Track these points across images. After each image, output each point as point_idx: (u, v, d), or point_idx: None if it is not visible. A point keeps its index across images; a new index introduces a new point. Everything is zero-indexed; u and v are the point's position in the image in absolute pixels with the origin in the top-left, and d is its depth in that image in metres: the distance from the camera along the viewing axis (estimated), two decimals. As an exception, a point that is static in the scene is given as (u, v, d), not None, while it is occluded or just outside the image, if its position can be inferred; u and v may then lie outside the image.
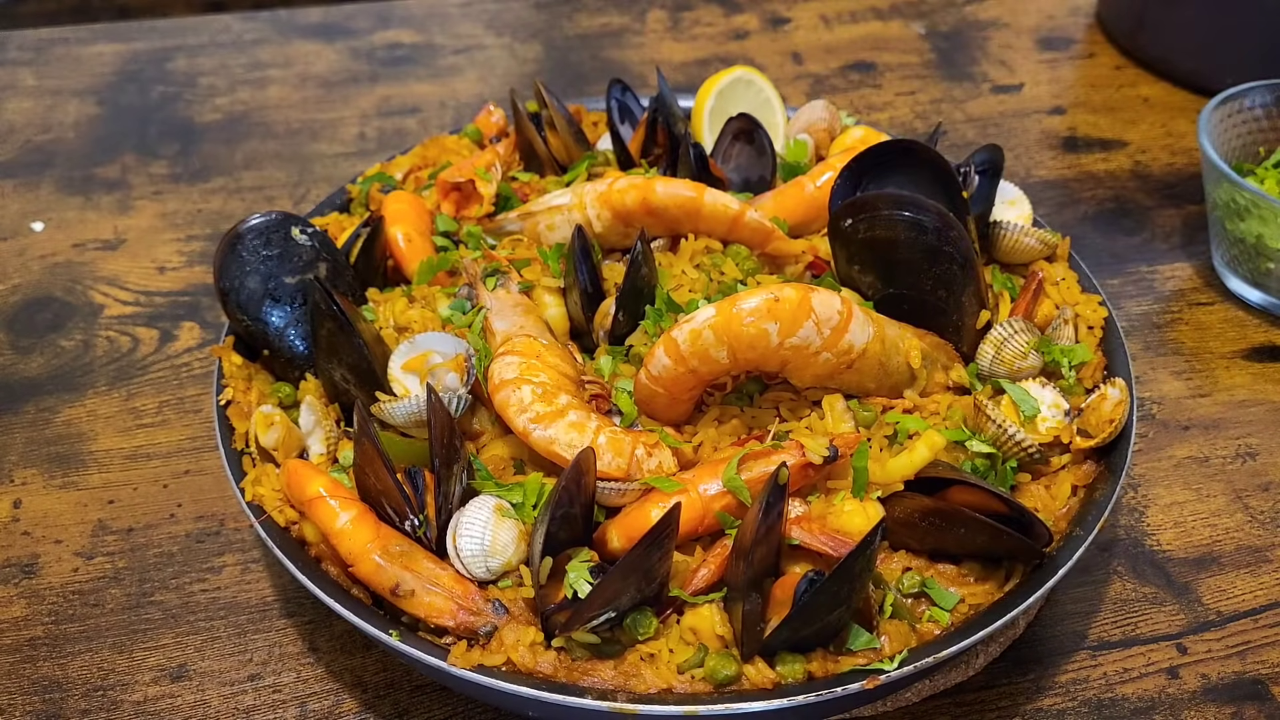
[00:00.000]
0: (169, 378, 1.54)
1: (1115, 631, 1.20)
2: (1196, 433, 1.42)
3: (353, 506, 1.04)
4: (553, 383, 1.09)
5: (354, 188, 1.50)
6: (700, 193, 1.23)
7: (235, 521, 1.34)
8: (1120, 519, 1.31)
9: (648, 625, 0.97)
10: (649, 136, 1.48)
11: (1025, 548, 1.00)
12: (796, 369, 1.08)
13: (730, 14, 2.38)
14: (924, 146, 1.20)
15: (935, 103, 2.09)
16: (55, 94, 2.14)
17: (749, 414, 1.13)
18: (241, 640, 1.21)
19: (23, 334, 1.62)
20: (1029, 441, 1.08)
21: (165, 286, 1.69)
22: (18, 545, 1.31)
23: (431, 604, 0.99)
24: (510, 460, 1.11)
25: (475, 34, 2.31)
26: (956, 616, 1.01)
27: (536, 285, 1.25)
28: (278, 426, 1.14)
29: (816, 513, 1.02)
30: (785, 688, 0.94)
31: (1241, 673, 1.15)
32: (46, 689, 1.17)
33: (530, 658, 0.96)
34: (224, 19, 2.38)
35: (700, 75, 2.02)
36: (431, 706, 1.14)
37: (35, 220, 1.82)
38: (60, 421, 1.48)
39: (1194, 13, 1.98)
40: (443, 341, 1.16)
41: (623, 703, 0.92)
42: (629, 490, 1.03)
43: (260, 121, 2.06)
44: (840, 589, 0.92)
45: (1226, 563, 1.26)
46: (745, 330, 1.03)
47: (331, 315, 1.14)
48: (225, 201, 1.86)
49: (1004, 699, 1.14)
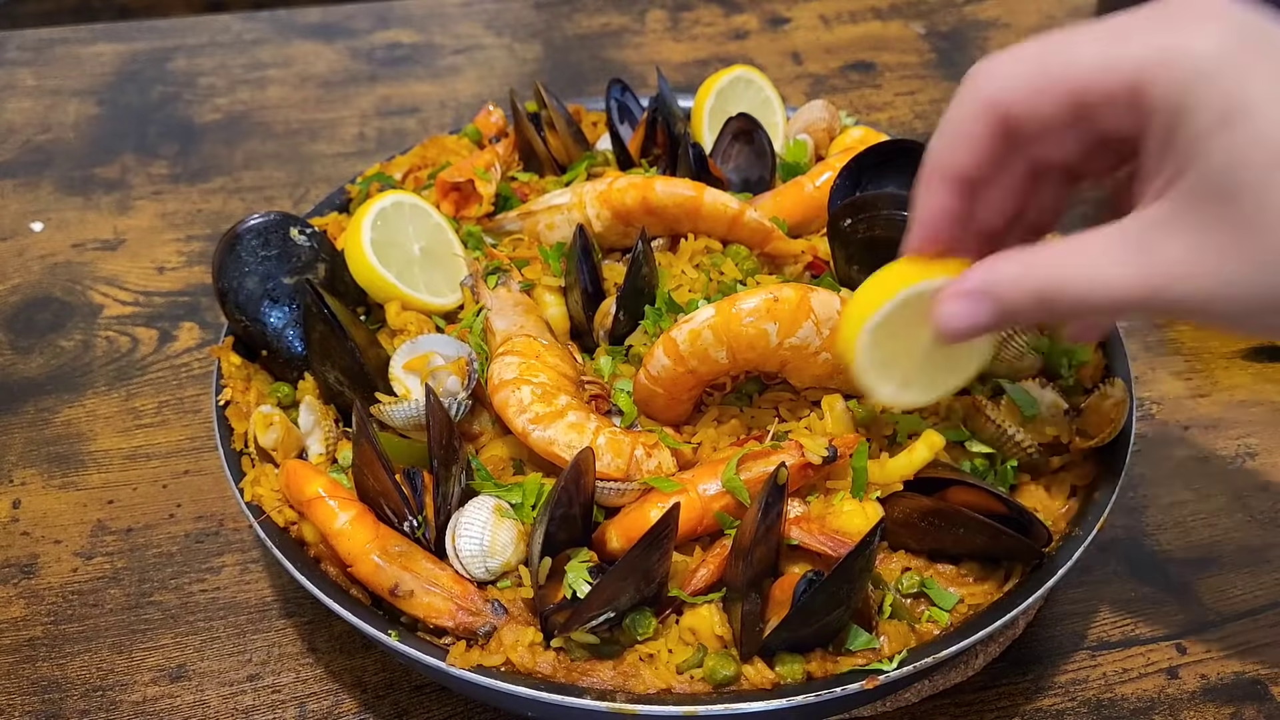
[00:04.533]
0: (168, 378, 1.54)
1: (1115, 632, 1.20)
2: (1196, 433, 1.41)
3: (352, 507, 1.04)
4: (552, 383, 1.09)
5: (353, 188, 1.50)
6: (700, 192, 1.23)
7: (234, 522, 1.34)
8: (1120, 519, 1.31)
9: (647, 625, 0.97)
10: (648, 136, 1.48)
11: (1024, 548, 1.00)
12: (796, 369, 1.08)
13: (730, 14, 2.38)
14: (924, 146, 1.19)
15: (935, 103, 2.08)
16: (55, 94, 2.14)
17: (748, 414, 1.13)
18: (241, 640, 1.21)
19: (22, 334, 1.62)
20: (1028, 442, 1.08)
21: (165, 287, 1.69)
22: (17, 545, 1.31)
23: (430, 604, 0.99)
24: (509, 460, 1.11)
25: (475, 34, 2.31)
26: (956, 617, 1.01)
27: (537, 284, 1.25)
28: (277, 427, 1.14)
29: (816, 513, 1.02)
30: (784, 688, 0.94)
31: (1241, 673, 1.15)
32: (46, 689, 1.17)
33: (529, 658, 0.96)
34: (224, 19, 2.38)
35: (700, 75, 2.01)
36: (431, 707, 1.14)
37: (35, 220, 1.82)
38: (60, 422, 1.48)
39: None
40: (445, 344, 1.16)
41: (622, 703, 0.92)
42: (628, 491, 1.03)
43: (260, 121, 2.06)
44: (839, 589, 0.92)
45: (1226, 563, 1.26)
46: (744, 330, 1.03)
47: (323, 318, 1.14)
48: (225, 201, 1.86)
49: (1004, 699, 1.14)
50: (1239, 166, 0.66)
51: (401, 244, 1.27)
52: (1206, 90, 0.67)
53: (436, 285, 1.27)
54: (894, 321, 0.87)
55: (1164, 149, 0.71)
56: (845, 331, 0.90)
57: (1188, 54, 0.68)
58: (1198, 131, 0.68)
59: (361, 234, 1.24)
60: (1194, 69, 0.68)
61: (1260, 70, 0.67)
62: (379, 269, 1.23)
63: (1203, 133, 0.67)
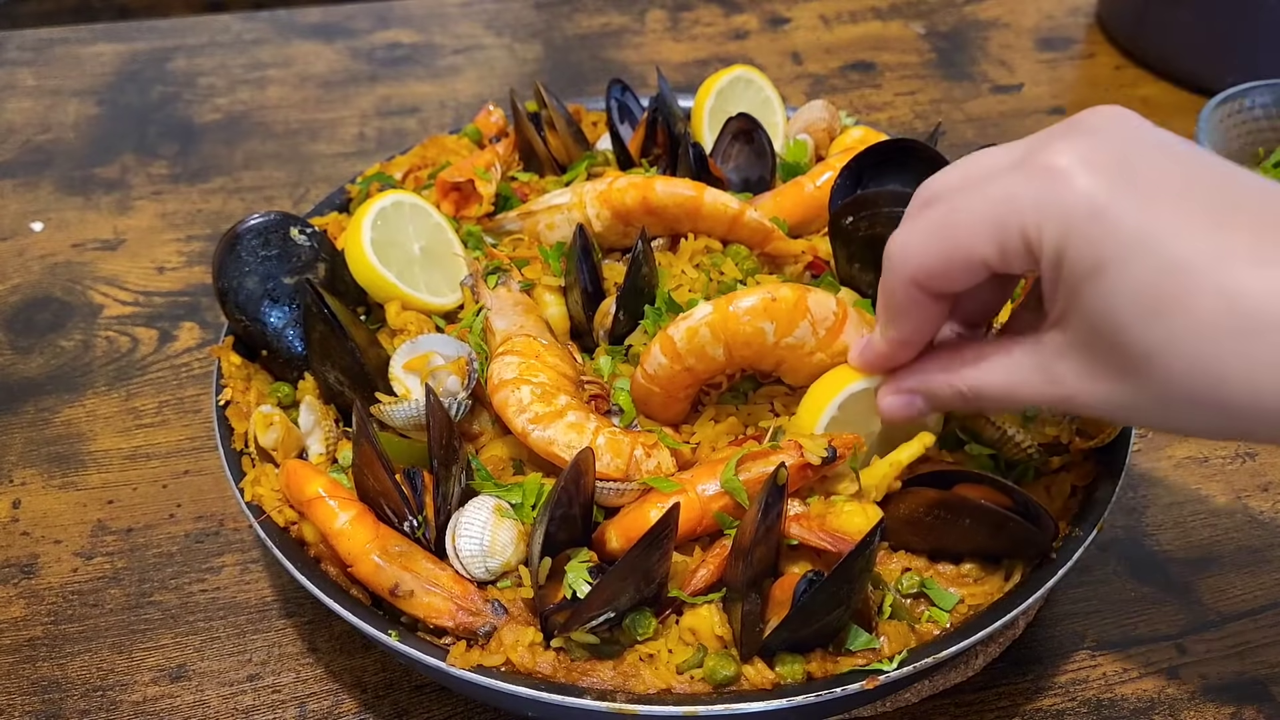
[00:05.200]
0: (168, 378, 1.54)
1: (1115, 631, 1.20)
2: (1196, 433, 1.41)
3: (352, 507, 1.04)
4: (552, 383, 1.09)
5: (353, 188, 1.50)
6: (700, 192, 1.23)
7: (234, 522, 1.34)
8: (1120, 519, 1.31)
9: (647, 626, 0.97)
10: (649, 136, 1.48)
11: (1033, 537, 0.99)
12: (791, 368, 1.08)
13: (730, 14, 2.38)
14: (924, 145, 1.20)
15: (935, 103, 2.09)
16: (55, 94, 2.14)
17: (744, 411, 1.13)
18: (241, 640, 1.21)
19: (22, 334, 1.62)
20: (1028, 442, 1.08)
21: (165, 286, 1.69)
22: (17, 545, 1.31)
23: (430, 604, 0.99)
24: (509, 460, 1.11)
25: (475, 34, 2.31)
26: (956, 617, 1.00)
27: (537, 284, 1.25)
28: (277, 426, 1.14)
29: (817, 512, 1.02)
30: (784, 688, 0.94)
31: (1241, 673, 1.15)
32: (46, 689, 1.17)
33: (529, 658, 0.96)
34: (224, 19, 2.38)
35: (700, 75, 2.02)
36: (431, 707, 1.14)
37: (35, 220, 1.83)
38: (60, 421, 1.48)
39: (1194, 13, 1.98)
40: (445, 344, 1.16)
41: (622, 703, 0.92)
42: (628, 491, 1.03)
43: (260, 121, 2.06)
44: (839, 589, 0.92)
45: (1226, 563, 1.26)
46: (742, 328, 1.03)
47: (323, 318, 1.14)
48: (225, 201, 1.86)
49: (1004, 699, 1.14)
50: (1110, 313, 0.74)
51: (401, 244, 1.27)
52: (1078, 243, 0.74)
53: (436, 285, 1.27)
54: (845, 413, 1.03)
55: (1053, 287, 0.78)
56: (803, 427, 1.04)
57: (1060, 207, 0.74)
58: (1075, 281, 0.75)
59: (361, 234, 1.24)
60: (1065, 225, 0.74)
61: (1126, 214, 0.72)
62: (379, 269, 1.23)
63: (1080, 281, 0.75)
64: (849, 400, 1.02)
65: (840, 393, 1.02)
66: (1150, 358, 0.73)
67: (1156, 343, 0.72)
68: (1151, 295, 0.71)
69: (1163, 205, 0.72)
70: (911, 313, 0.89)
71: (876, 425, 1.04)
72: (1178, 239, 0.71)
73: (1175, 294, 0.70)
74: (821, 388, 1.04)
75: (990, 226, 0.78)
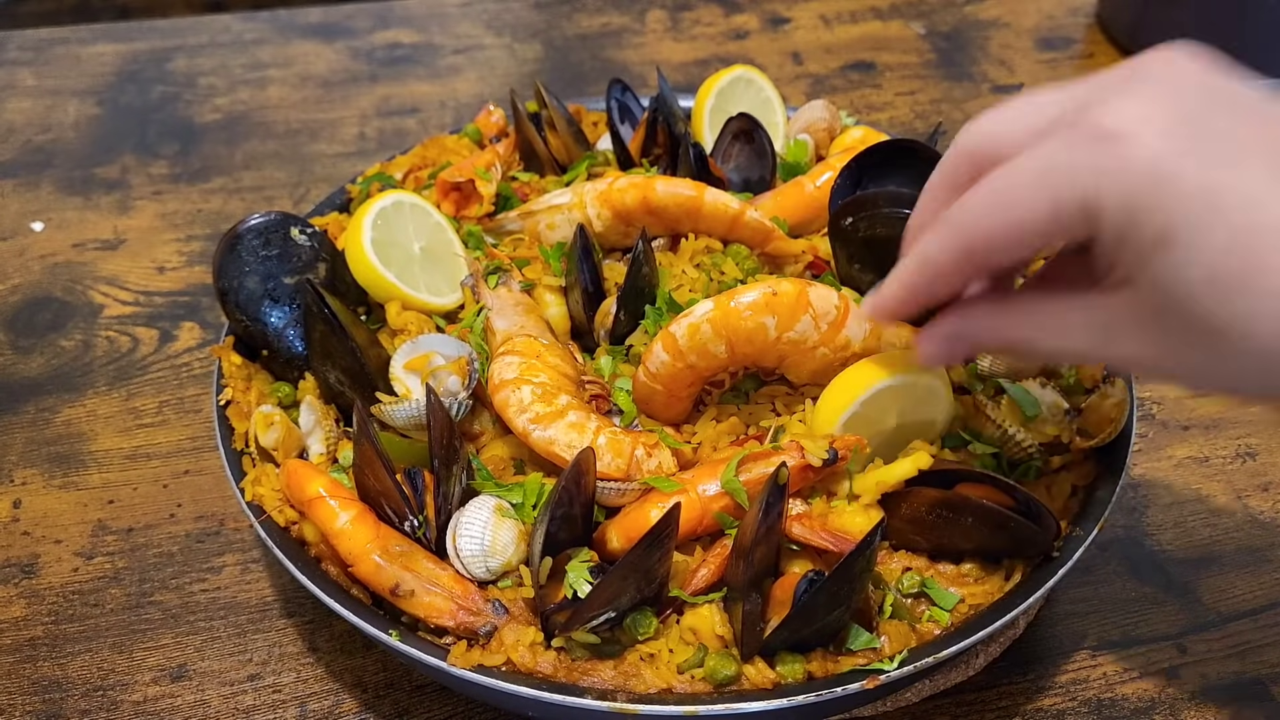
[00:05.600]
0: (169, 378, 1.54)
1: (1115, 631, 1.20)
2: (1196, 433, 1.42)
3: (352, 507, 1.04)
4: (553, 383, 1.09)
5: (354, 188, 1.50)
6: (700, 192, 1.23)
7: (235, 521, 1.34)
8: (1120, 519, 1.31)
9: (648, 625, 0.97)
10: (649, 136, 1.48)
11: (1034, 535, 0.99)
12: (794, 364, 1.08)
13: (730, 14, 2.38)
14: (924, 146, 1.20)
15: (935, 103, 2.09)
16: (55, 94, 2.14)
17: (746, 410, 1.13)
18: (241, 640, 1.21)
19: (23, 334, 1.62)
20: (1029, 442, 1.08)
21: (165, 286, 1.69)
22: (17, 545, 1.31)
23: (431, 604, 0.99)
24: (510, 460, 1.11)
25: (475, 34, 2.31)
26: (956, 616, 1.01)
27: (538, 284, 1.25)
28: (277, 426, 1.14)
29: (818, 512, 1.02)
30: (785, 688, 0.94)
31: (1241, 673, 1.15)
32: (46, 689, 1.17)
33: (530, 658, 0.96)
34: (224, 19, 2.38)
35: (700, 75, 2.02)
36: (431, 706, 1.14)
37: (35, 220, 1.83)
38: (60, 421, 1.48)
39: (1194, 13, 1.98)
40: (445, 344, 1.16)
41: (623, 703, 0.92)
42: (628, 490, 1.03)
43: (260, 121, 2.06)
44: (840, 589, 0.92)
45: (1226, 563, 1.26)
46: (743, 324, 1.03)
47: (324, 318, 1.14)
48: (225, 201, 1.86)
49: (1004, 699, 1.14)
50: (1182, 286, 0.71)
51: (402, 244, 1.27)
52: (1143, 213, 0.70)
53: (437, 285, 1.27)
54: (865, 413, 1.03)
55: (1115, 254, 0.75)
56: (821, 423, 1.04)
57: (1121, 175, 0.70)
58: (1141, 251, 0.72)
59: (362, 234, 1.24)
60: (1127, 193, 0.70)
61: (1192, 178, 0.68)
62: (379, 269, 1.23)
63: (1147, 251, 0.71)
64: (872, 397, 1.02)
65: (867, 389, 1.02)
66: (1228, 330, 0.70)
67: (1235, 316, 0.69)
68: (1227, 267, 0.68)
69: (1231, 165, 0.68)
70: (950, 285, 0.86)
71: (894, 423, 1.05)
72: (1252, 202, 0.67)
73: (1254, 263, 0.67)
74: (845, 382, 1.04)
75: (1047, 200, 0.74)
